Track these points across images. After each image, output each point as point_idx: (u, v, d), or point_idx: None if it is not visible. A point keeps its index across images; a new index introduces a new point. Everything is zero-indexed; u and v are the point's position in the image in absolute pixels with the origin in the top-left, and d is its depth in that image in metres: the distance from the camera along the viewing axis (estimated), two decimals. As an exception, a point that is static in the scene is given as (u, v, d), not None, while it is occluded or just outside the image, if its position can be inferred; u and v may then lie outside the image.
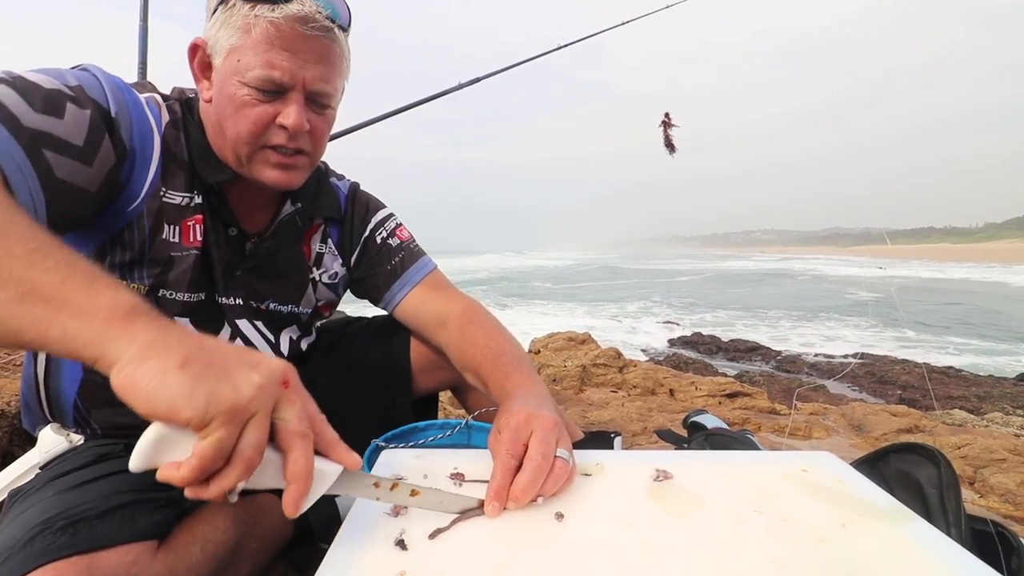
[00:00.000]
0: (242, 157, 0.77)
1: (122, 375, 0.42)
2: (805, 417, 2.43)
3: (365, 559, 0.51)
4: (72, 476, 0.72)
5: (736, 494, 0.63)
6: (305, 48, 0.72)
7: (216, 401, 0.42)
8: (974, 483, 1.71)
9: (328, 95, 0.78)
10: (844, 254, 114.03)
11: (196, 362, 0.43)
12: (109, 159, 0.69)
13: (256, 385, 0.44)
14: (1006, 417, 3.09)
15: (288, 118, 0.74)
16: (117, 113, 0.70)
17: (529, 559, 0.51)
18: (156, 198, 0.76)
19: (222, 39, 0.73)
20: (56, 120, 0.62)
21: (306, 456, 0.47)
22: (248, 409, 0.43)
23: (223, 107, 0.75)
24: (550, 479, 0.61)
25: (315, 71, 0.74)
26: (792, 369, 6.88)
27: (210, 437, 0.42)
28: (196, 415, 0.41)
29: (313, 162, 0.83)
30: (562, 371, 3.02)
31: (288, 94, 0.74)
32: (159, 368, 0.42)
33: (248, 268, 0.88)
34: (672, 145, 2.39)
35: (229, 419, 0.42)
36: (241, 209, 0.86)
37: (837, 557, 0.51)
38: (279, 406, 0.47)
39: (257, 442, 0.44)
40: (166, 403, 0.41)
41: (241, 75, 0.72)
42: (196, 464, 0.42)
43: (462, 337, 0.94)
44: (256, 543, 0.84)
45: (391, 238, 1.04)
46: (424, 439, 0.96)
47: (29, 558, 0.58)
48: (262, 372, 0.45)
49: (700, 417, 1.40)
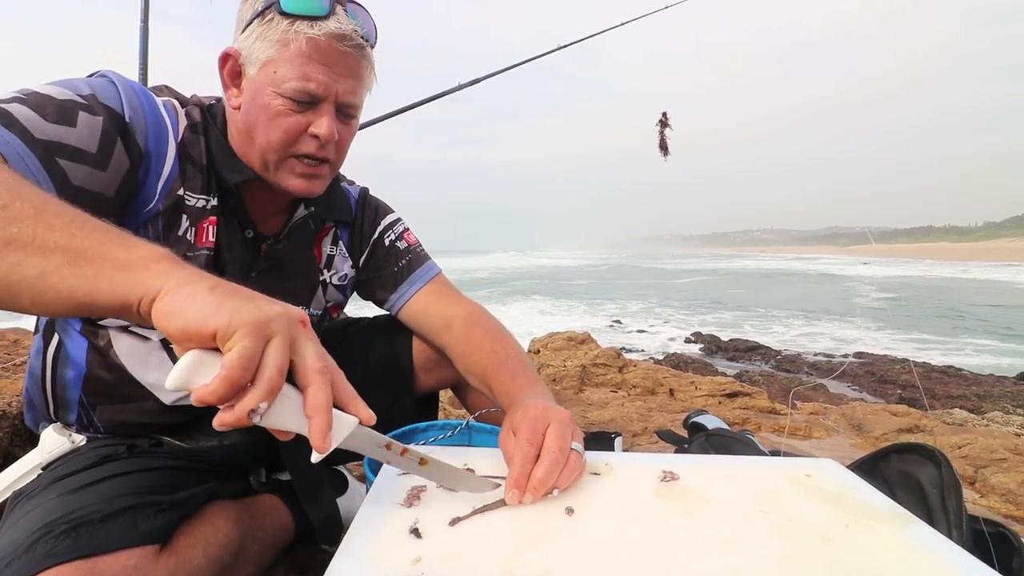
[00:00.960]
0: (270, 164, 0.80)
1: (161, 304, 0.46)
2: (805, 417, 2.44)
3: (381, 546, 0.52)
4: (74, 478, 0.72)
5: (741, 495, 0.64)
6: (339, 63, 0.76)
7: (239, 314, 0.46)
8: (975, 483, 1.71)
9: (355, 107, 0.82)
10: (843, 253, 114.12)
11: (224, 287, 0.48)
12: (123, 164, 0.71)
13: (277, 311, 0.49)
14: (1007, 416, 3.09)
15: (320, 128, 0.77)
16: (131, 118, 0.72)
17: (542, 549, 0.52)
18: (172, 197, 0.78)
19: (258, 51, 0.75)
20: (69, 129, 0.65)
21: (325, 391, 0.49)
22: (269, 326, 0.47)
23: (255, 115, 0.77)
24: (565, 471, 0.63)
25: (347, 84, 0.78)
26: (792, 369, 6.89)
27: (236, 346, 0.44)
28: (221, 325, 0.45)
29: (334, 171, 0.86)
30: (562, 371, 3.02)
31: (320, 105, 0.77)
32: (191, 291, 0.47)
33: (262, 269, 0.89)
34: (666, 147, 2.39)
35: (252, 330, 0.45)
36: (257, 212, 0.87)
37: (840, 556, 0.52)
38: (298, 343, 0.50)
39: (278, 363, 0.47)
40: (195, 316, 0.45)
41: (277, 86, 0.75)
42: (225, 375, 0.44)
43: (466, 341, 0.95)
44: (258, 545, 0.84)
45: (399, 241, 1.06)
46: (425, 440, 0.96)
47: (32, 562, 0.59)
48: (283, 306, 0.50)
49: (701, 418, 1.40)
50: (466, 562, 0.50)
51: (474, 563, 0.50)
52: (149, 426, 0.84)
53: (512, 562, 0.50)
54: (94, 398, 0.81)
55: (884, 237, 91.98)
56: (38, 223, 0.48)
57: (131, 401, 0.81)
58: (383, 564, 0.49)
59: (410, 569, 0.48)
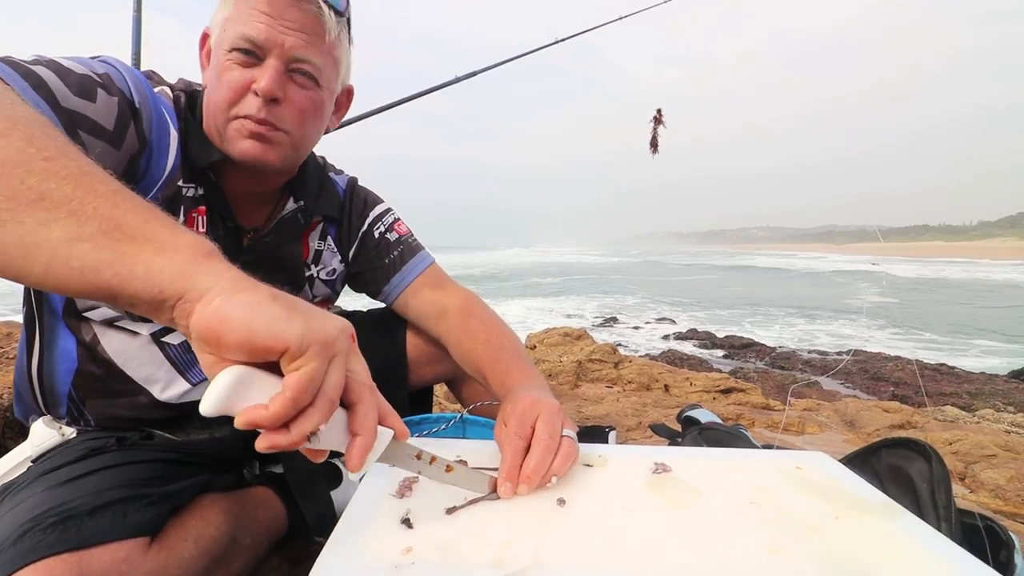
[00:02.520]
0: (220, 128, 0.76)
1: (211, 307, 0.40)
2: (799, 413, 2.45)
3: (372, 536, 0.52)
4: (63, 471, 0.72)
5: (733, 487, 0.64)
6: (287, 15, 0.72)
7: (311, 331, 0.41)
8: (965, 478, 1.73)
9: (310, 64, 0.75)
10: (840, 252, 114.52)
11: (284, 297, 0.43)
12: (133, 146, 0.71)
13: (338, 327, 0.45)
14: (997, 414, 3.12)
15: (260, 81, 0.72)
16: (140, 104, 0.71)
17: (533, 539, 0.52)
18: (172, 187, 0.77)
19: (218, 16, 0.75)
20: (89, 103, 0.64)
21: (375, 409, 0.47)
22: (335, 346, 0.43)
23: (212, 82, 0.76)
24: (559, 458, 0.63)
25: (297, 38, 0.73)
26: (787, 366, 6.92)
27: (305, 367, 0.41)
28: (295, 340, 0.40)
29: (294, 143, 0.79)
30: (558, 366, 3.02)
31: (265, 61, 0.73)
32: (254, 299, 0.41)
33: (244, 263, 0.87)
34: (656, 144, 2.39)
35: (322, 350, 0.42)
36: (239, 203, 0.85)
37: (830, 547, 0.52)
38: (350, 358, 0.46)
39: (339, 383, 0.44)
40: (266, 329, 0.40)
41: (225, 43, 0.73)
42: (291, 396, 0.40)
43: (462, 330, 0.95)
44: (250, 537, 0.83)
45: (389, 232, 1.04)
46: (419, 433, 0.96)
47: (19, 555, 0.58)
48: (340, 319, 0.46)
49: (694, 412, 1.40)
50: (457, 552, 0.50)
51: (465, 553, 0.50)
52: (140, 420, 0.83)
53: (503, 552, 0.50)
54: (84, 392, 0.80)
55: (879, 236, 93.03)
56: (80, 183, 0.42)
57: (122, 396, 0.81)
58: (374, 554, 0.49)
59: (401, 559, 0.48)
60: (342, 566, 0.48)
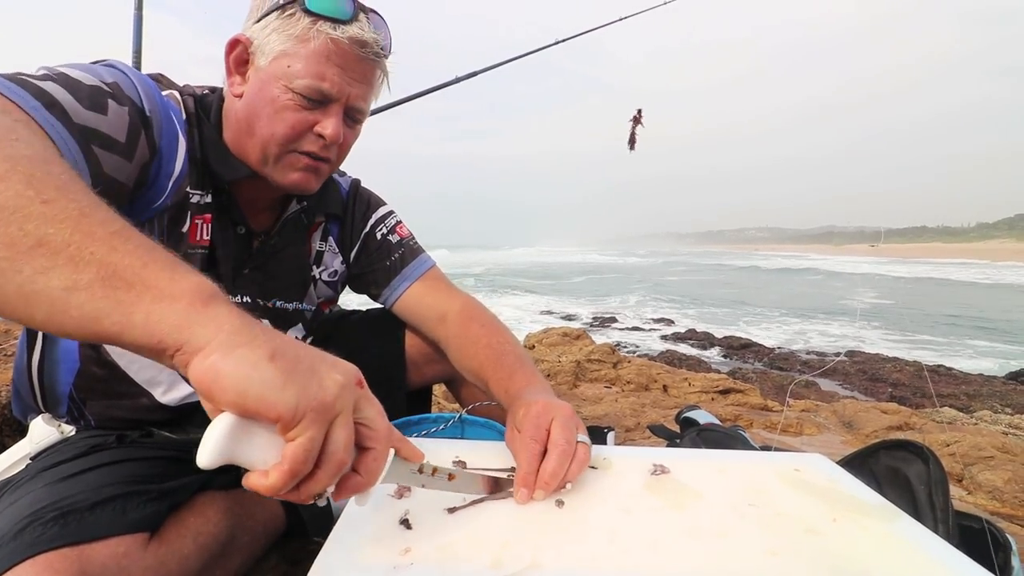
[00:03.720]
0: (270, 157, 0.79)
1: (207, 363, 0.39)
2: (797, 414, 2.45)
3: (371, 536, 0.52)
4: (63, 467, 0.72)
5: (731, 489, 0.64)
6: (355, 68, 0.77)
7: (307, 398, 0.40)
8: (962, 480, 1.73)
9: (363, 112, 0.82)
10: (839, 252, 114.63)
11: (285, 356, 0.42)
12: (144, 155, 0.71)
13: (340, 384, 0.43)
14: (995, 415, 3.12)
15: (327, 128, 0.77)
16: (151, 111, 0.72)
17: (532, 541, 0.52)
18: (180, 193, 0.77)
19: (273, 43, 0.75)
20: (101, 116, 0.64)
21: (385, 456, 0.48)
22: (335, 408, 0.42)
23: (260, 106, 0.76)
24: (575, 464, 0.63)
25: (359, 90, 0.79)
26: (785, 366, 6.92)
27: (301, 437, 0.40)
28: (287, 411, 0.39)
29: (333, 170, 0.86)
30: (556, 366, 3.03)
31: (329, 106, 0.77)
32: (250, 358, 0.40)
33: (255, 266, 0.89)
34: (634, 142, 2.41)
35: (318, 417, 0.41)
36: (249, 208, 0.87)
37: (828, 549, 0.52)
38: (359, 406, 0.46)
39: (347, 443, 0.43)
40: (257, 395, 0.39)
41: (289, 80, 0.74)
42: (288, 469, 0.40)
43: (463, 335, 0.96)
44: (248, 535, 0.83)
45: (391, 234, 1.05)
46: (418, 433, 0.96)
47: (19, 549, 0.58)
48: (342, 371, 0.45)
49: (692, 413, 1.40)
50: (456, 553, 0.50)
51: (464, 554, 0.50)
52: (141, 421, 0.83)
53: (502, 553, 0.50)
54: (85, 393, 0.80)
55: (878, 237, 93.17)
56: (78, 227, 0.41)
57: (124, 398, 0.81)
58: (372, 555, 0.49)
59: (399, 560, 0.49)
60: (341, 566, 0.48)
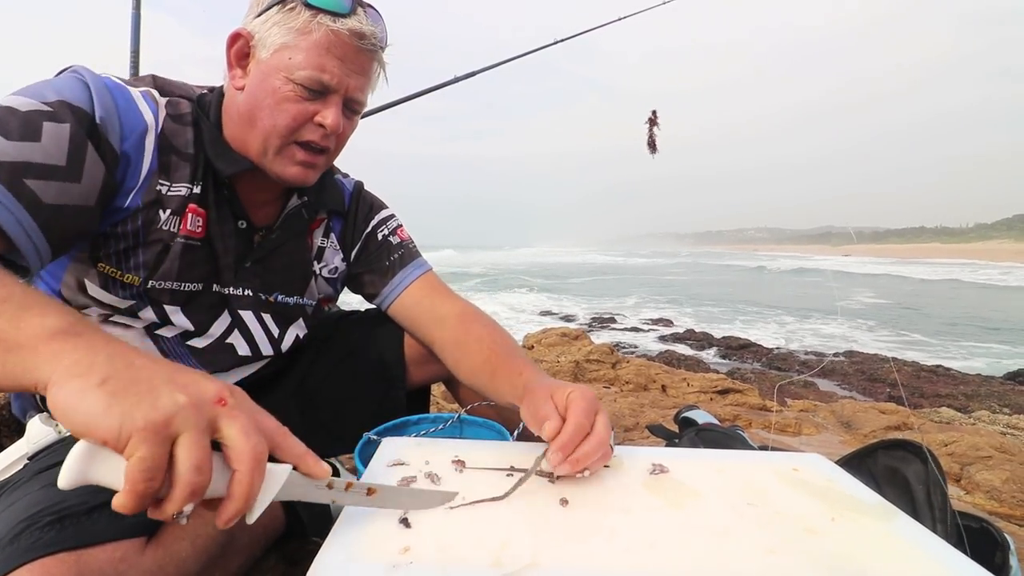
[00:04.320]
0: (270, 149, 0.80)
1: (51, 396, 0.42)
2: (795, 414, 2.46)
3: (370, 536, 0.52)
4: (60, 469, 0.72)
5: (730, 488, 0.64)
6: (355, 59, 0.79)
7: (131, 419, 0.41)
8: (960, 480, 1.73)
9: (361, 103, 0.84)
10: (837, 253, 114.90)
11: (117, 379, 0.43)
12: (98, 170, 0.70)
13: (178, 403, 0.43)
14: (993, 415, 3.13)
15: (327, 118, 0.79)
16: (103, 118, 0.71)
17: (531, 540, 0.52)
18: (151, 192, 0.77)
19: (274, 36, 0.76)
20: (33, 145, 0.63)
21: (249, 477, 0.45)
22: (168, 426, 0.42)
23: (261, 98, 0.78)
24: (600, 459, 0.65)
25: (358, 81, 0.80)
26: (783, 367, 6.92)
27: (132, 457, 0.40)
28: (111, 433, 0.40)
29: (330, 162, 0.88)
30: (555, 367, 3.03)
31: (329, 97, 0.79)
32: (79, 387, 0.42)
33: (256, 260, 0.90)
34: (654, 145, 2.40)
35: (146, 437, 0.41)
36: (250, 202, 0.88)
37: (826, 548, 0.52)
38: (219, 424, 0.45)
39: (194, 464, 0.42)
40: (82, 421, 0.41)
41: (290, 72, 0.76)
42: (128, 489, 0.41)
43: (464, 335, 0.96)
44: (247, 536, 0.83)
45: (392, 236, 1.06)
46: (417, 433, 0.96)
47: (15, 554, 0.58)
48: (190, 391, 0.44)
49: (691, 413, 1.41)
50: (455, 552, 0.50)
51: (463, 554, 0.50)
52: None
53: (501, 552, 0.50)
54: None
55: (876, 237, 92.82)
56: None
57: None
58: (371, 554, 0.49)
59: (398, 559, 0.49)
60: (340, 565, 0.48)
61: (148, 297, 0.81)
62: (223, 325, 0.90)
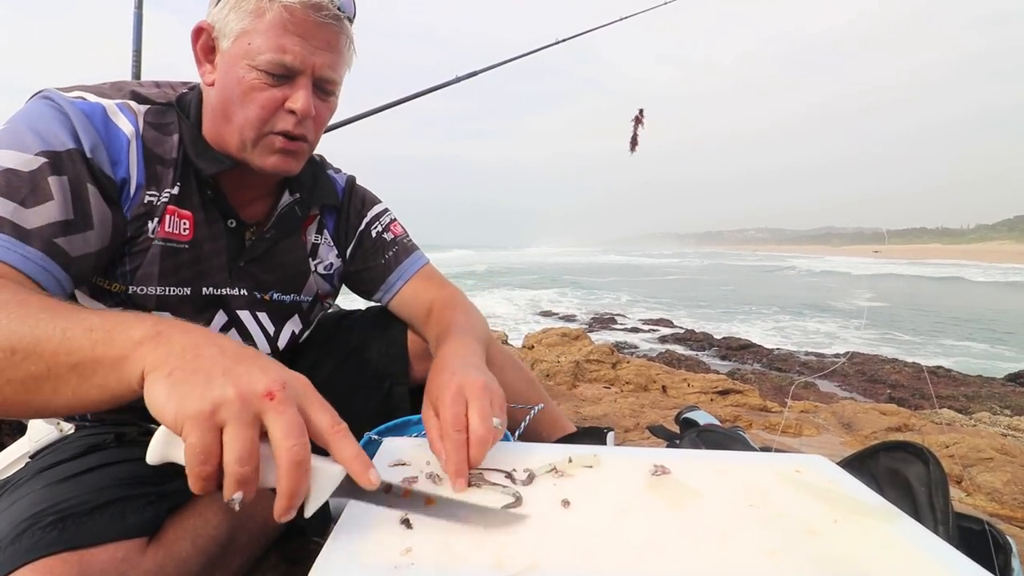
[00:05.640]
0: (248, 142, 0.78)
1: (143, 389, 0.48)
2: (796, 415, 2.45)
3: (372, 536, 0.52)
4: (62, 468, 0.72)
5: (731, 489, 0.64)
6: (316, 35, 0.74)
7: (183, 407, 0.45)
8: (961, 482, 1.73)
9: (334, 82, 0.79)
10: (838, 253, 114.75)
11: (182, 370, 0.47)
12: (103, 209, 0.71)
13: (223, 396, 0.45)
14: (994, 417, 3.12)
15: (297, 102, 0.75)
16: (92, 148, 0.70)
17: (532, 541, 0.52)
18: (141, 205, 0.77)
19: (232, 23, 0.73)
20: (50, 205, 0.65)
21: (288, 477, 0.47)
22: (214, 416, 0.45)
23: (230, 90, 0.75)
24: (473, 450, 0.63)
25: (324, 58, 0.76)
26: (784, 367, 6.92)
27: (186, 442, 0.45)
28: (169, 419, 0.45)
29: (311, 149, 0.84)
30: (555, 367, 3.02)
31: (297, 79, 0.75)
32: (153, 379, 0.47)
33: (250, 259, 0.89)
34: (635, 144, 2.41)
35: (195, 425, 0.44)
36: (238, 200, 0.86)
37: (828, 550, 0.52)
38: (265, 419, 0.47)
39: (237, 455, 0.45)
40: (153, 408, 0.46)
41: (251, 59, 0.73)
42: (188, 470, 0.46)
43: (434, 323, 0.97)
44: (248, 536, 0.83)
45: (386, 233, 1.06)
46: (419, 432, 0.96)
47: (18, 554, 0.58)
48: (241, 383, 0.46)
49: (692, 413, 1.40)
50: (457, 553, 0.50)
51: (465, 555, 0.50)
52: (138, 412, 0.83)
53: (502, 553, 0.50)
54: None
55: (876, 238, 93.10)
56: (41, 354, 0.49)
57: None
58: (373, 554, 0.49)
59: (400, 560, 0.48)
60: (341, 566, 0.48)
61: (133, 303, 0.80)
62: (218, 326, 0.89)
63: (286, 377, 0.50)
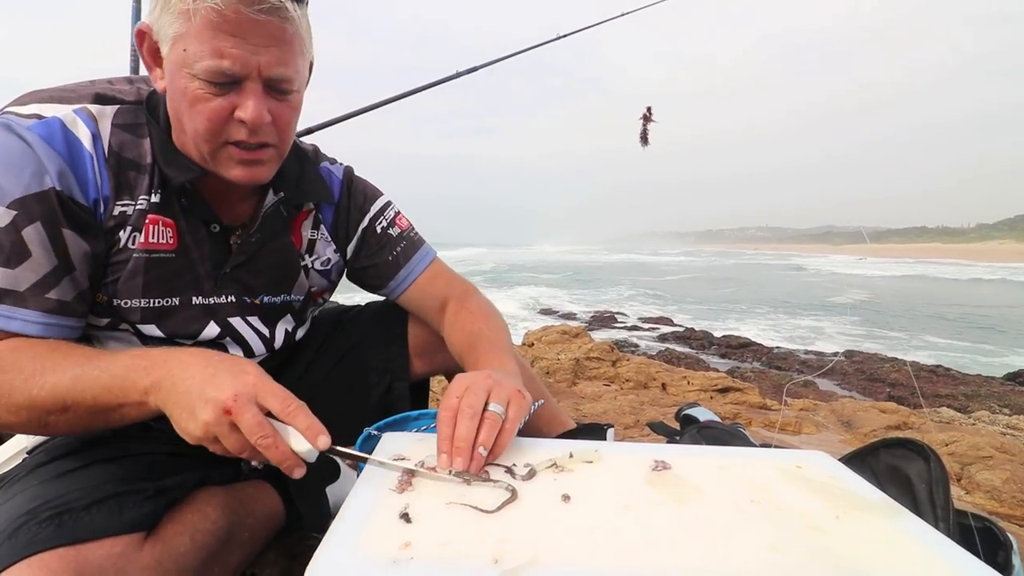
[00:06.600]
0: (205, 155, 0.72)
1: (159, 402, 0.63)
2: (795, 413, 2.45)
3: (370, 530, 0.52)
4: (59, 463, 0.71)
5: (733, 485, 0.63)
6: (255, 32, 0.65)
7: (191, 435, 0.60)
8: (961, 480, 1.73)
9: (288, 79, 0.71)
10: (838, 252, 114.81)
11: (176, 406, 0.61)
12: (80, 243, 0.71)
13: (206, 423, 0.59)
14: (993, 415, 3.13)
15: (246, 112, 0.68)
16: (59, 176, 0.67)
17: (532, 536, 0.52)
18: (111, 218, 0.74)
19: (165, 26, 0.66)
20: (32, 262, 0.67)
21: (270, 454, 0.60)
22: (208, 437, 0.60)
23: (177, 100, 0.70)
24: (483, 431, 0.64)
25: (270, 55, 0.67)
26: (783, 366, 6.92)
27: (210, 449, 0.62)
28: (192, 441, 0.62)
29: (282, 153, 0.78)
30: (555, 364, 3.02)
31: (244, 84, 0.68)
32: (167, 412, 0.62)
33: (237, 264, 0.85)
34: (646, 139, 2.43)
35: (205, 443, 0.61)
36: (219, 203, 0.82)
37: (830, 545, 0.52)
38: (237, 423, 0.59)
39: (239, 449, 0.60)
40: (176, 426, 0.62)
41: (189, 67, 0.66)
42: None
43: (452, 323, 0.97)
44: (247, 531, 0.83)
45: (391, 227, 1.02)
46: (418, 427, 0.95)
47: (14, 549, 0.58)
48: (206, 409, 0.58)
49: (692, 410, 1.40)
50: (456, 548, 0.50)
51: (464, 549, 0.49)
52: None
53: (502, 548, 0.49)
54: None
55: (877, 237, 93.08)
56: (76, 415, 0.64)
57: None
58: (372, 548, 0.49)
59: (399, 554, 0.48)
60: (340, 560, 0.48)
61: (118, 315, 0.79)
62: (211, 333, 0.86)
63: (236, 387, 0.59)
